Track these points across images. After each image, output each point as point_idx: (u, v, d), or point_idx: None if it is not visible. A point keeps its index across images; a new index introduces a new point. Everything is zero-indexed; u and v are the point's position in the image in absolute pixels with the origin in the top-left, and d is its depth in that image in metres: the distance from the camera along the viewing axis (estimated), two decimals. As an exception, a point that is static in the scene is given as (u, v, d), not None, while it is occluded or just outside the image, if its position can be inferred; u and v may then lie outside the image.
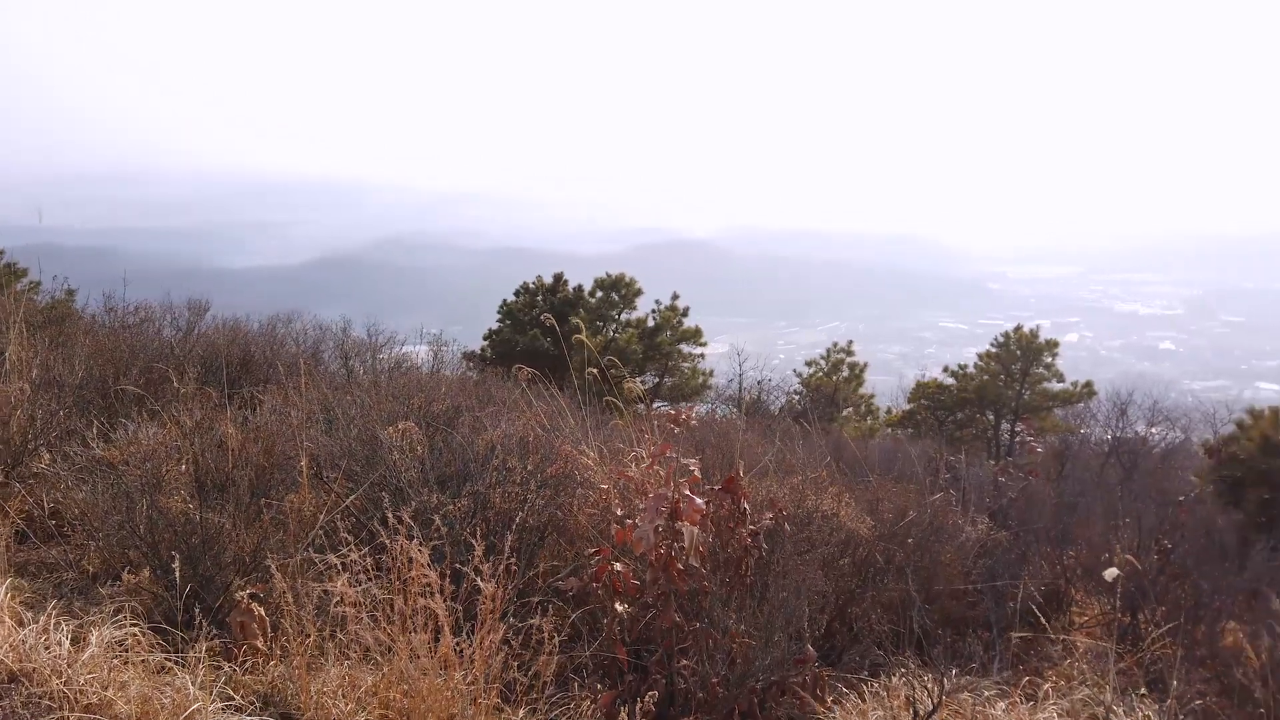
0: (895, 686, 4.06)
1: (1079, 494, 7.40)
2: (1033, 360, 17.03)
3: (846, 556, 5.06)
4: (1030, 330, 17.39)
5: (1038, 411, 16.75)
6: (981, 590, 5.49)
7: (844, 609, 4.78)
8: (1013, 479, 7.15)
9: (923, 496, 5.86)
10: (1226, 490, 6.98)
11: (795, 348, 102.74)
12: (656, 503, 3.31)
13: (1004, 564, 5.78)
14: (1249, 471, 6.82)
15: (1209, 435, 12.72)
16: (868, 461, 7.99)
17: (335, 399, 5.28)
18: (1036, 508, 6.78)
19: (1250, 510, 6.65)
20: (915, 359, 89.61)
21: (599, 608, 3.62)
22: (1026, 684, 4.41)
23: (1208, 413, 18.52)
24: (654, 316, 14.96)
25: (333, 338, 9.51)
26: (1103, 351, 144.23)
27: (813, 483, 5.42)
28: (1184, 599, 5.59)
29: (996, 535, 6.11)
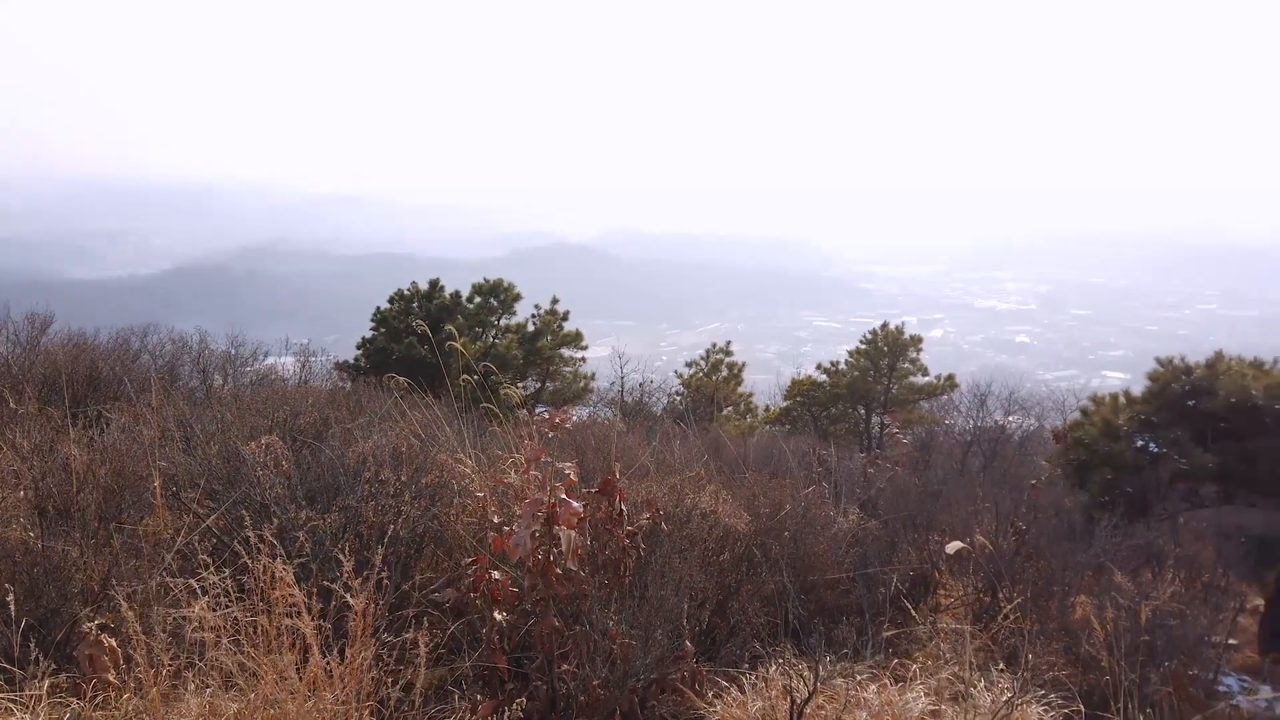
0: (773, 677, 4.16)
1: (942, 482, 7.78)
2: (899, 356, 17.78)
3: (725, 552, 5.16)
4: (896, 327, 18.15)
5: (905, 405, 17.50)
6: (854, 578, 5.70)
7: (724, 603, 4.87)
8: (881, 470, 7.44)
9: (797, 491, 6.04)
10: (1073, 472, 7.47)
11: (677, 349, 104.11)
12: (532, 508, 3.29)
13: (874, 552, 6.00)
14: (1092, 455, 7.32)
15: (1059, 422, 13.57)
16: (746, 459, 8.17)
17: (194, 415, 5.02)
18: (903, 497, 7.08)
19: (1095, 491, 7.13)
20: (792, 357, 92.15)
21: (478, 617, 3.57)
22: (896, 666, 4.60)
23: (1059, 401, 19.80)
24: (534, 321, 14.85)
25: (190, 352, 9.03)
26: (965, 346, 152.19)
27: (691, 482, 5.51)
28: (1037, 577, 5.95)
29: (867, 525, 6.36)
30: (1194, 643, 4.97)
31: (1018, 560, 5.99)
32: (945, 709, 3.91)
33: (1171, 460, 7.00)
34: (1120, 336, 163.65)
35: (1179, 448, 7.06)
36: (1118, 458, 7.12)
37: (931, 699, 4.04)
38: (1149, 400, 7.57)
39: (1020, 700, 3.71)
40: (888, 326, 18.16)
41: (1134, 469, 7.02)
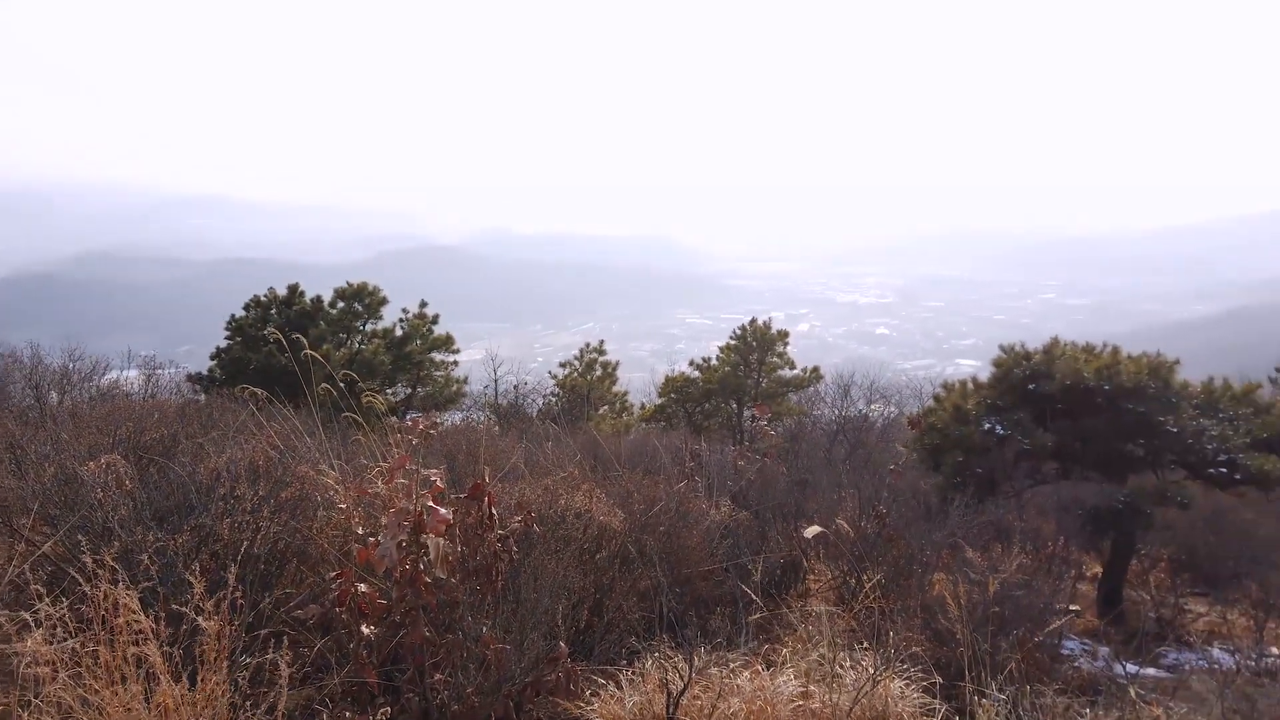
0: (649, 671, 4.21)
1: (808, 471, 8.06)
2: (768, 350, 18.29)
3: (601, 550, 5.18)
4: (764, 323, 18.67)
5: (774, 397, 18.02)
6: (727, 569, 5.82)
7: (600, 602, 4.89)
8: (751, 462, 7.64)
9: (671, 486, 6.13)
10: (928, 456, 7.86)
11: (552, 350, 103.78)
12: (398, 517, 3.21)
13: (746, 542, 6.16)
14: (945, 439, 7.72)
15: (918, 409, 14.25)
16: (621, 456, 8.23)
17: (25, 435, 4.65)
18: (772, 487, 7.30)
19: (948, 472, 7.54)
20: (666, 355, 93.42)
21: (345, 632, 3.46)
22: (768, 652, 4.74)
23: (916, 389, 20.85)
24: (402, 326, 14.47)
25: (22, 368, 8.35)
26: (830, 339, 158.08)
27: (565, 482, 5.50)
28: (898, 557, 6.25)
29: (738, 516, 6.51)
30: (1039, 611, 5.32)
31: (879, 542, 6.27)
32: (814, 689, 4.05)
33: (1015, 441, 7.47)
34: (971, 326, 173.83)
35: (1022, 429, 7.54)
36: (968, 440, 7.54)
37: (801, 681, 4.17)
38: (994, 385, 8.06)
39: (882, 676, 3.88)
40: (756, 322, 18.65)
41: (982, 450, 7.46)
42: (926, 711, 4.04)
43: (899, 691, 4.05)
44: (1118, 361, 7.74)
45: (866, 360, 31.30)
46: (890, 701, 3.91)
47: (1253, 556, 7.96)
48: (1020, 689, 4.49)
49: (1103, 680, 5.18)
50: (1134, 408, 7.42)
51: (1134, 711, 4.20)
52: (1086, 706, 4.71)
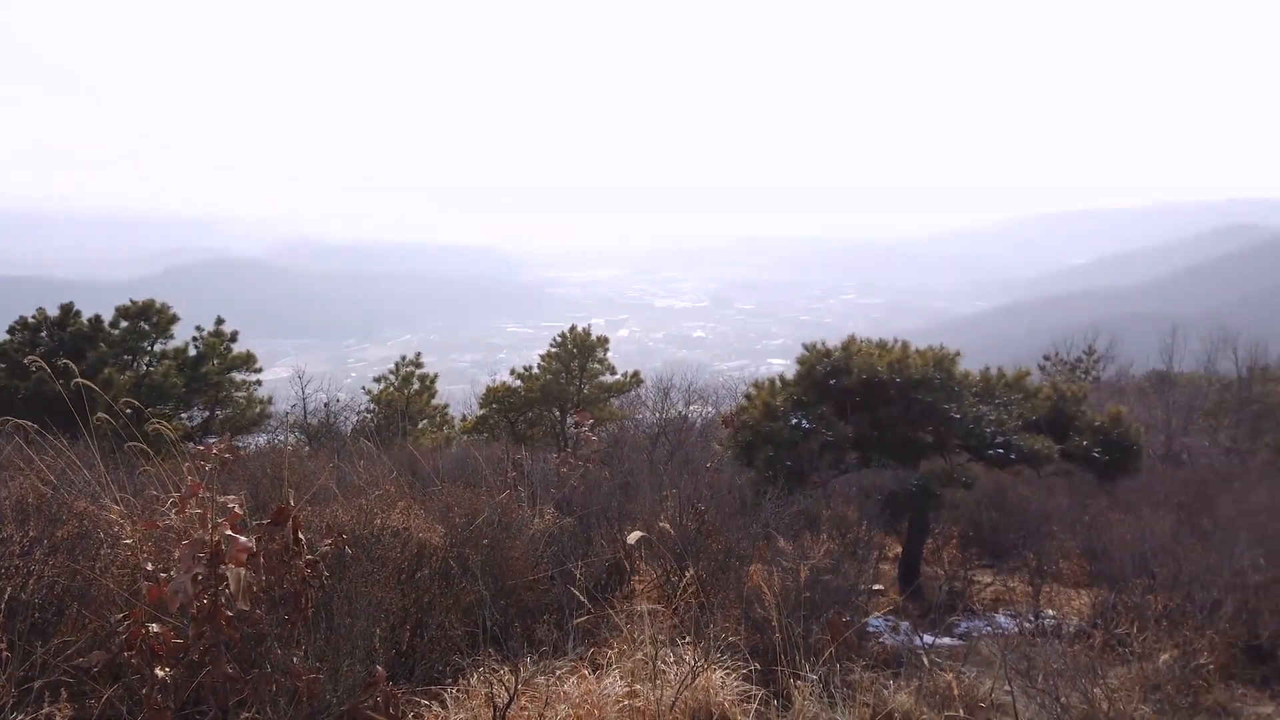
0: (475, 686, 4.14)
1: (630, 474, 8.20)
2: (589, 356, 18.45)
3: (422, 568, 5.04)
4: (584, 329, 18.81)
5: (596, 403, 18.19)
6: (553, 576, 5.82)
7: (422, 621, 4.76)
8: (574, 468, 7.67)
9: (493, 497, 6.06)
10: (742, 453, 8.18)
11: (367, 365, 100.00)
12: (192, 549, 3.00)
13: (571, 548, 6.18)
14: (756, 435, 8.07)
15: (732, 408, 14.78)
16: (441, 470, 8.05)
17: None
18: (595, 492, 7.37)
19: (760, 467, 7.87)
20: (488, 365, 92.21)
21: (137, 677, 3.19)
22: (594, 655, 4.78)
23: (732, 389, 21.66)
24: (197, 345, 13.48)
25: None
26: (649, 343, 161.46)
27: (380, 500, 5.32)
28: (717, 552, 6.46)
29: (562, 523, 6.53)
30: (846, 593, 5.65)
31: (699, 539, 6.46)
32: (640, 688, 4.12)
33: (820, 434, 7.91)
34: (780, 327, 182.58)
35: (825, 422, 7.99)
36: (777, 435, 7.91)
37: (627, 681, 4.24)
38: (799, 382, 8.50)
39: (702, 668, 4.00)
40: (576, 329, 18.76)
41: (791, 444, 7.84)
42: (746, 697, 4.20)
43: (720, 681, 4.19)
44: (907, 355, 8.35)
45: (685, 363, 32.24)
46: (712, 691, 4.04)
47: (1029, 529, 8.80)
48: (831, 667, 4.76)
49: (904, 652, 5.57)
50: (922, 397, 8.03)
51: (930, 678, 4.55)
52: (890, 678, 5.06)
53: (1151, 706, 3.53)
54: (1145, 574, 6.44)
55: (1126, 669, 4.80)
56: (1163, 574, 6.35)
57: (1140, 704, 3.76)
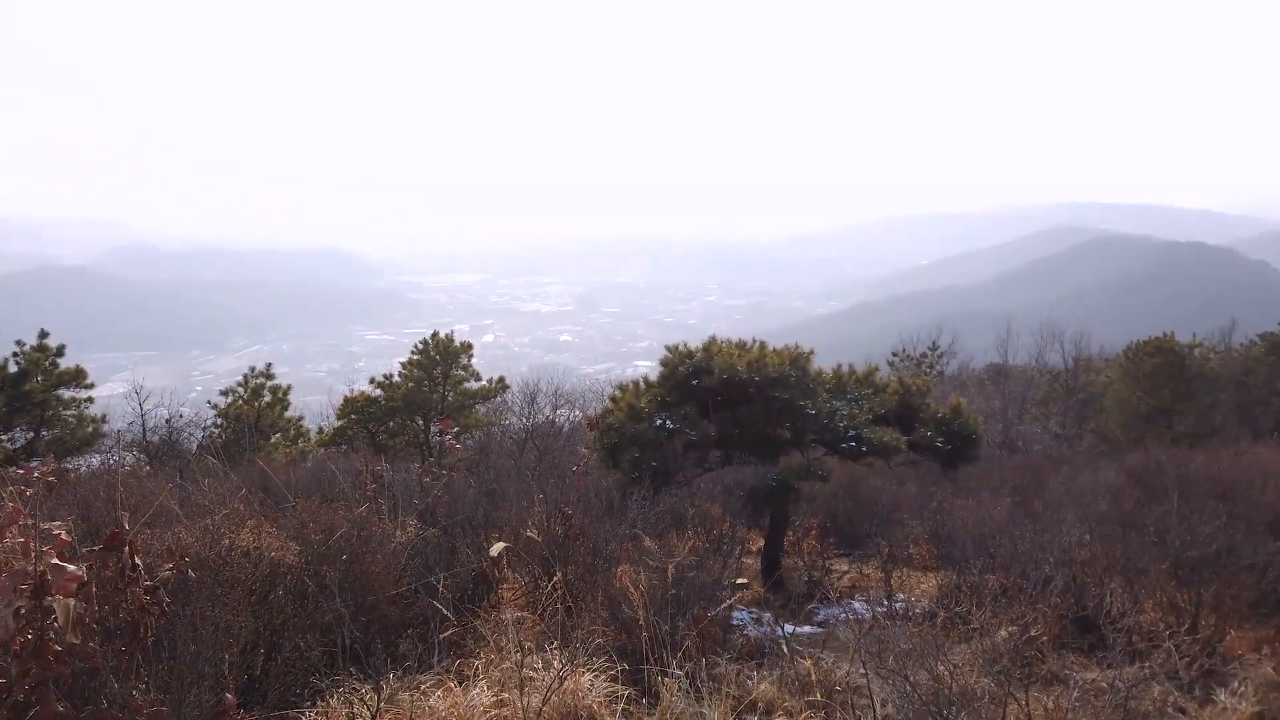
0: (335, 708, 4.00)
1: (496, 480, 8.10)
2: (452, 363, 18.12)
3: (276, 588, 4.83)
4: (447, 335, 18.47)
5: (461, 410, 17.89)
6: (416, 589, 5.68)
7: (276, 643, 4.55)
8: (437, 478, 7.51)
9: (351, 511, 5.85)
10: (608, 455, 8.23)
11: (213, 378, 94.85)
12: (13, 581, 2.76)
13: (436, 559, 6.05)
14: (622, 437, 8.13)
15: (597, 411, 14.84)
16: (296, 486, 7.72)
17: None
18: (461, 501, 7.23)
19: (626, 468, 7.94)
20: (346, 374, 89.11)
21: (-50, 727, 2.91)
22: (461, 667, 4.70)
23: (600, 392, 21.77)
24: (17, 361, 12.41)
25: None
26: (515, 348, 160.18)
27: (229, 519, 5.06)
28: (585, 555, 6.47)
29: (426, 534, 6.38)
30: (711, 588, 5.77)
31: (566, 543, 6.45)
32: (507, 697, 4.09)
33: (684, 433, 8.06)
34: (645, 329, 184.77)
35: (689, 421, 8.15)
36: (642, 437, 8.00)
37: (495, 690, 4.19)
38: (662, 384, 8.63)
39: (569, 672, 4.00)
40: (438, 335, 18.39)
41: (656, 445, 7.95)
42: (614, 698, 4.23)
43: (588, 683, 4.20)
44: (765, 355, 8.62)
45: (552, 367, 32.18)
46: (580, 695, 4.05)
47: (881, 517, 9.23)
48: (697, 662, 4.86)
49: (767, 642, 5.74)
50: (780, 395, 8.30)
51: (791, 666, 4.71)
52: (754, 669, 5.21)
53: (991, 678, 3.78)
54: (985, 555, 6.87)
55: (969, 645, 5.12)
56: (1000, 554, 6.79)
57: (981, 677, 4.01)
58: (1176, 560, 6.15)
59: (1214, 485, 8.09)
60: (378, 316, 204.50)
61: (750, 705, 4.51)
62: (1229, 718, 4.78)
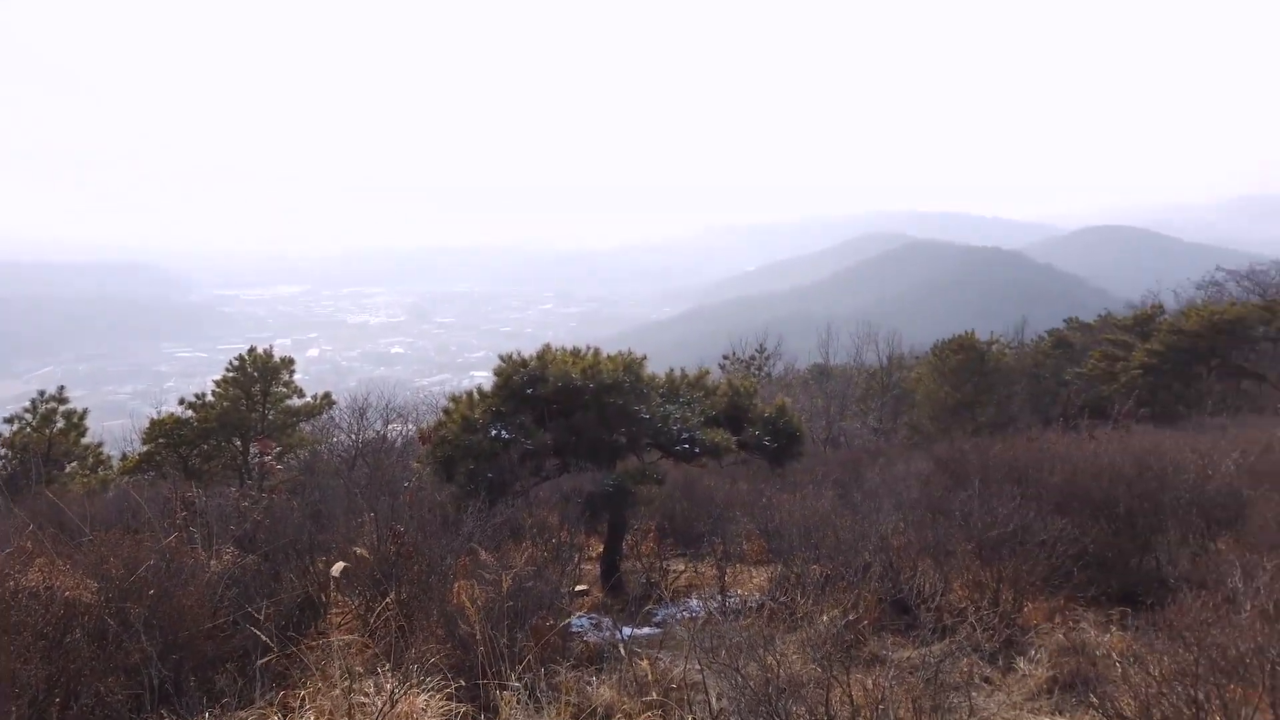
0: (142, 755, 3.70)
1: (322, 501, 7.74)
2: (272, 380, 17.17)
3: (73, 630, 4.41)
4: (266, 351, 17.48)
5: (284, 429, 16.98)
6: (235, 620, 5.35)
7: (74, 689, 4.16)
8: (256, 501, 7.10)
9: (158, 541, 5.44)
10: (441, 468, 8.04)
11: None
12: None
13: (256, 587, 5.71)
14: (456, 449, 7.97)
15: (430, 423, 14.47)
16: (94, 518, 7.09)
17: None
18: (283, 524, 6.87)
19: (461, 481, 7.79)
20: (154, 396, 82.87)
21: None
22: (285, 699, 4.45)
23: (434, 404, 21.25)
24: None
25: None
26: (344, 362, 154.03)
27: (14, 558, 4.59)
28: (419, 573, 6.29)
29: (245, 561, 6.01)
30: (549, 597, 5.74)
31: (399, 561, 6.25)
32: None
33: (520, 443, 7.98)
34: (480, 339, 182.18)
35: (524, 431, 8.08)
36: (477, 448, 7.87)
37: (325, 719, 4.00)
38: (497, 393, 8.52)
39: (401, 695, 3.88)
40: (255, 350, 17.39)
41: (491, 455, 7.84)
42: (452, 716, 4.13)
43: (424, 704, 4.09)
44: (598, 361, 8.68)
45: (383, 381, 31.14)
46: (415, 716, 3.93)
47: (716, 516, 9.49)
48: (536, 672, 4.82)
49: (606, 647, 5.78)
50: (614, 401, 8.38)
51: (630, 668, 4.76)
52: (594, 674, 5.22)
53: (817, 664, 3.96)
54: (810, 546, 7.20)
55: (796, 634, 5.35)
56: (824, 545, 7.13)
57: (807, 663, 4.20)
58: (979, 541, 6.66)
59: (1010, 470, 8.81)
60: (188, 333, 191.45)
61: (591, 711, 4.52)
62: (1027, 682, 5.23)
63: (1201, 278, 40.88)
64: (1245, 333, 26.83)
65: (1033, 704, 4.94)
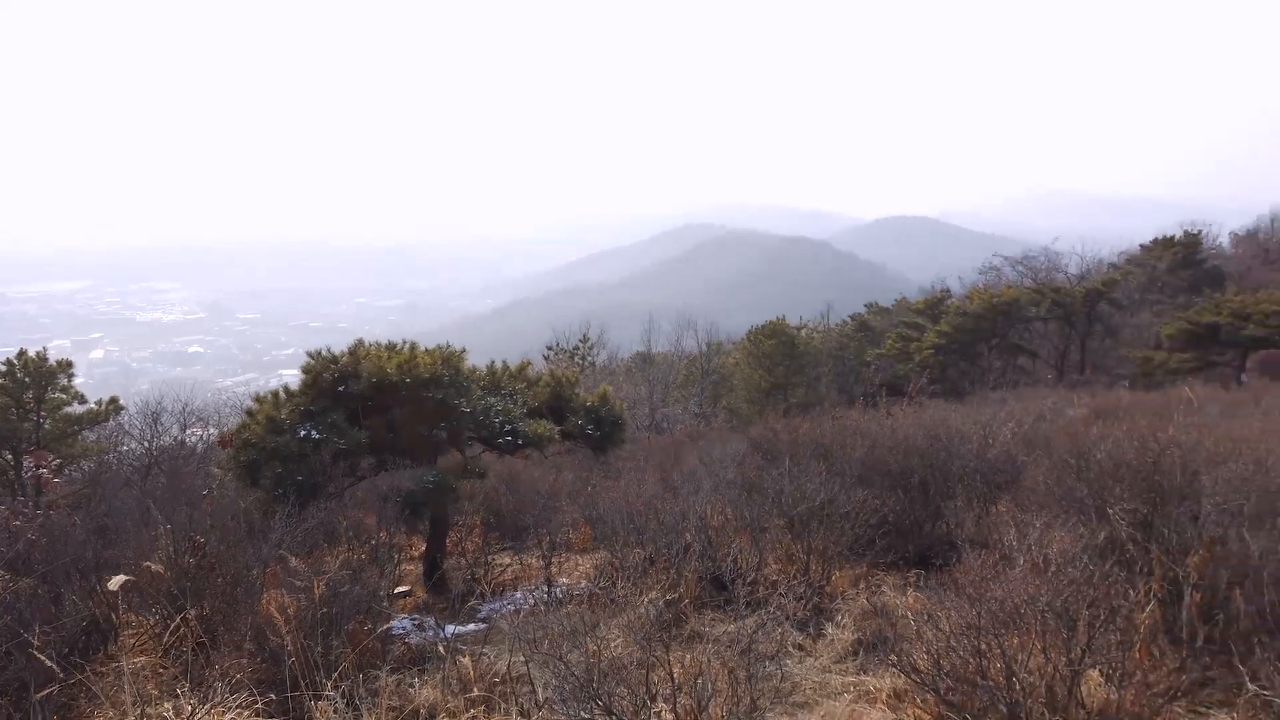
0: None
1: (109, 514, 7.11)
2: (48, 385, 15.56)
3: None
4: (39, 354, 15.80)
5: (64, 439, 15.45)
6: (9, 650, 4.83)
7: None
8: (30, 519, 6.43)
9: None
10: (246, 473, 7.58)
11: None
12: None
13: (32, 612, 5.18)
14: (262, 452, 7.52)
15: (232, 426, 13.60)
16: None
17: None
18: (64, 542, 6.26)
19: (268, 486, 7.36)
20: (-95, 407, 73.31)
21: None
22: (69, 733, 4.07)
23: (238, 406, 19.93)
24: None
25: None
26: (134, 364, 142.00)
27: None
28: (224, 585, 5.90)
29: (18, 585, 5.44)
30: (367, 600, 5.54)
31: (200, 574, 5.84)
32: (129, 756, 3.61)
33: (332, 442, 7.63)
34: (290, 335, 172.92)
35: (336, 430, 7.74)
36: (284, 450, 7.46)
37: (113, 752, 3.69)
38: (305, 391, 8.10)
39: (205, 714, 3.64)
40: (26, 353, 15.69)
41: (300, 457, 7.45)
42: (261, 734, 3.91)
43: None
44: (416, 356, 8.42)
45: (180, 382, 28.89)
46: (219, 738, 3.69)
47: (541, 506, 9.48)
48: (355, 679, 4.65)
49: (429, 647, 5.65)
50: (433, 395, 8.17)
51: (453, 666, 4.67)
52: (417, 675, 5.09)
53: (639, 645, 4.04)
54: (633, 531, 7.33)
55: (620, 618, 5.43)
56: (647, 528, 7.28)
57: (630, 646, 4.28)
58: (790, 516, 7.00)
59: (817, 447, 9.31)
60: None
61: (413, 712, 4.41)
62: (835, 646, 5.56)
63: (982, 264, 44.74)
64: (1020, 313, 29.68)
65: (840, 665, 5.26)
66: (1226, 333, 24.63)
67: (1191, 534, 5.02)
